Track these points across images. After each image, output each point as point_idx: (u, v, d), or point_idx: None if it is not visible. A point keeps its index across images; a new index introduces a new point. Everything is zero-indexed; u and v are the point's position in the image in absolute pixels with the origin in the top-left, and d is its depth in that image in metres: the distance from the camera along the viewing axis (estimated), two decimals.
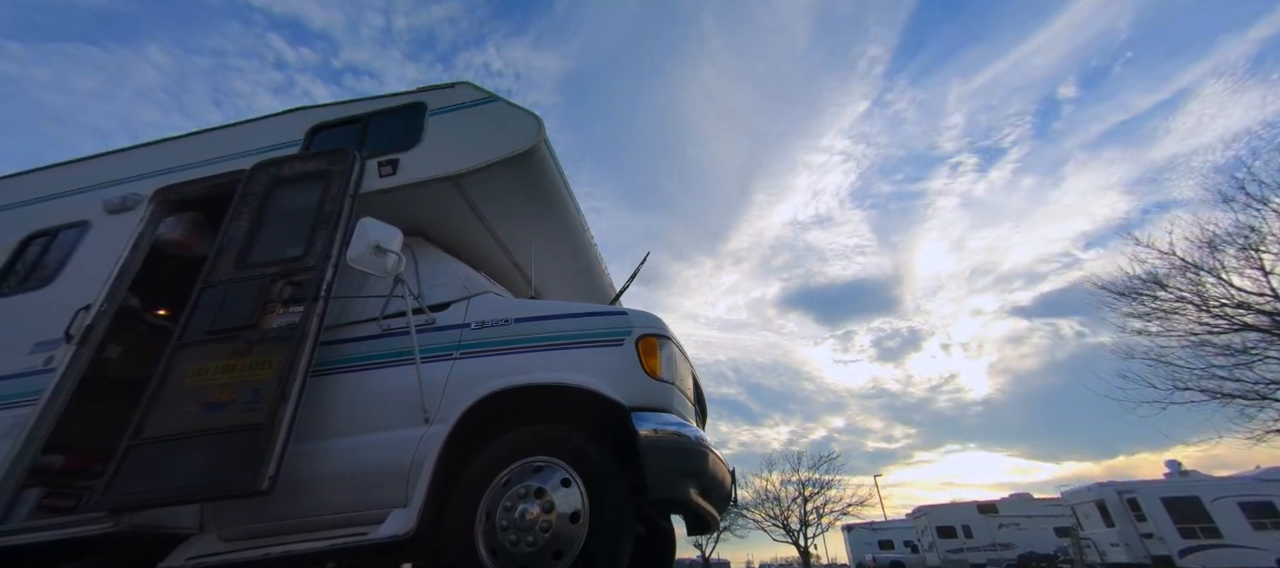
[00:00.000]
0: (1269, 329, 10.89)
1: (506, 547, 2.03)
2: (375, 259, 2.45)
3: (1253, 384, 11.08)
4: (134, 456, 2.32)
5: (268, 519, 2.38)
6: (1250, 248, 11.10)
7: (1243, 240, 11.19)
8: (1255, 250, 11.04)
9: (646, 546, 3.01)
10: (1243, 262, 11.25)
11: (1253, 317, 11.09)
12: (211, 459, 2.23)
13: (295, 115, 3.73)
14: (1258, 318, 11.03)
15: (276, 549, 2.26)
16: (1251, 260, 11.12)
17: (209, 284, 2.76)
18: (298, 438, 2.35)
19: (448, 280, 2.94)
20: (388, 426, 2.44)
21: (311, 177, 3.05)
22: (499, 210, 3.41)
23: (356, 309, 2.89)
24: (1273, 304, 10.85)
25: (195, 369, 2.49)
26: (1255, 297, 11.08)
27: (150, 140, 3.99)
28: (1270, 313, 10.89)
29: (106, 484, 2.26)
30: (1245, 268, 11.23)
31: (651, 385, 2.32)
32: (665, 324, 2.55)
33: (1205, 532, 19.25)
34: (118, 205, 3.52)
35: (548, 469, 2.16)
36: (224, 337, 2.56)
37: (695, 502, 2.19)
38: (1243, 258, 11.24)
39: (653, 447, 2.11)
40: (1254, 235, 11.02)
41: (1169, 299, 12.06)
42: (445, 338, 2.61)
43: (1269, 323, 10.90)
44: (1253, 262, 11.10)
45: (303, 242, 2.79)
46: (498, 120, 3.27)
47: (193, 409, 2.37)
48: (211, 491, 2.21)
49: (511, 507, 2.09)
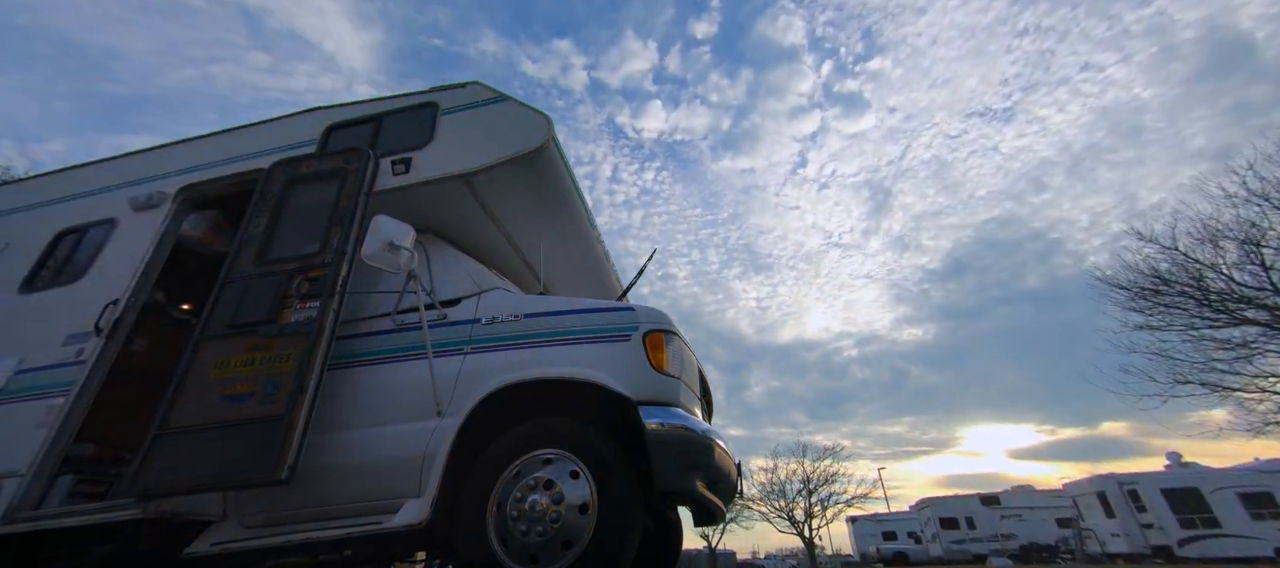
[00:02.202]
0: (1269, 323, 10.79)
1: (517, 537, 2.03)
2: (389, 256, 2.44)
3: (1253, 378, 11.00)
4: (160, 445, 2.34)
5: (287, 507, 2.40)
6: (1251, 243, 10.99)
7: (1244, 235, 11.08)
8: (1256, 245, 10.94)
9: (654, 537, 3.00)
10: (1244, 257, 11.15)
11: (1253, 311, 10.99)
12: (233, 449, 2.25)
13: (312, 115, 3.73)
14: (1258, 313, 10.94)
15: (296, 537, 2.28)
16: (1252, 255, 11.02)
17: (230, 279, 2.76)
18: (315, 429, 2.35)
19: (459, 277, 2.93)
20: (402, 418, 2.44)
21: (327, 175, 3.04)
22: (509, 208, 3.40)
23: (371, 305, 2.89)
24: (1273, 299, 10.74)
25: (217, 362, 2.50)
26: (1256, 291, 10.98)
27: (174, 140, 4.01)
28: (1271, 307, 10.77)
29: (135, 472, 2.28)
30: (1246, 264, 11.14)
31: (659, 380, 2.30)
32: (672, 320, 2.53)
33: (1204, 522, 19.08)
34: (143, 203, 3.54)
35: (557, 462, 2.15)
36: (244, 331, 2.56)
37: (702, 494, 2.18)
38: (1244, 253, 11.14)
39: (660, 440, 2.10)
40: (1255, 230, 10.91)
41: (1170, 293, 11.93)
42: (457, 333, 2.61)
43: (1269, 317, 10.80)
44: (1253, 257, 11.00)
45: (319, 238, 2.79)
46: (508, 119, 3.25)
47: (215, 401, 2.39)
48: (233, 479, 2.22)
49: (522, 498, 2.09)
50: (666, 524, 3.11)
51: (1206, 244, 11.53)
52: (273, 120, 3.80)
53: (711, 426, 2.50)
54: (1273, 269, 10.78)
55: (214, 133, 3.90)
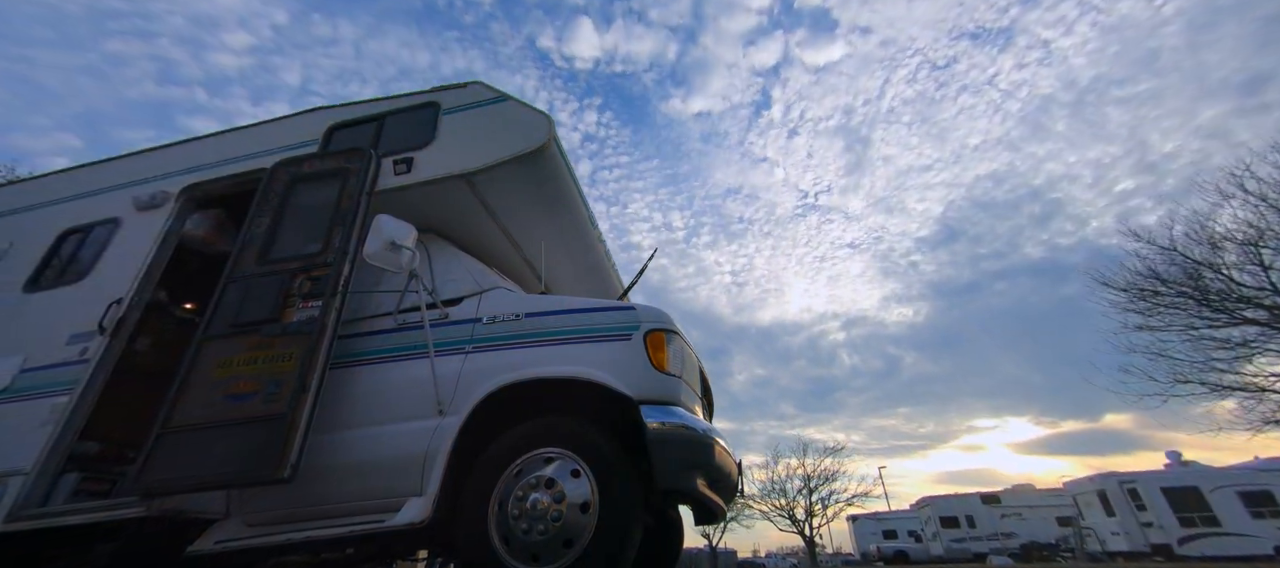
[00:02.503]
0: (1268, 323, 10.80)
1: (518, 535, 2.02)
2: (390, 255, 2.44)
3: (1252, 377, 11.03)
4: (164, 443, 2.33)
5: (290, 506, 2.39)
6: (1250, 244, 11.01)
7: (1242, 236, 11.11)
8: (1255, 246, 10.95)
9: (655, 535, 3.00)
10: (1243, 257, 11.18)
11: (1252, 311, 11.01)
12: (236, 448, 2.24)
13: (314, 115, 3.73)
14: (1257, 312, 10.96)
15: (299, 535, 2.27)
16: (1251, 256, 11.04)
17: (233, 279, 2.76)
18: (318, 428, 2.35)
19: (460, 276, 2.93)
20: (403, 417, 2.43)
21: (329, 175, 3.04)
22: (510, 207, 3.39)
23: (373, 304, 2.89)
24: (1272, 298, 10.75)
25: (220, 361, 2.50)
26: (1255, 291, 11.00)
27: (177, 140, 4.01)
28: (1270, 307, 10.79)
29: (139, 470, 2.28)
30: (1245, 264, 11.16)
31: (660, 379, 2.29)
32: (673, 319, 2.52)
33: (1204, 521, 19.06)
34: (147, 202, 3.54)
35: (559, 461, 2.15)
36: (247, 330, 2.56)
37: (703, 493, 2.17)
38: (1243, 253, 11.16)
39: (661, 440, 2.09)
40: (1253, 231, 10.94)
41: (1169, 294, 11.95)
42: (458, 332, 2.60)
43: (1268, 317, 10.81)
44: (1252, 257, 11.02)
45: (321, 238, 2.78)
46: (509, 119, 3.25)
47: (218, 400, 2.38)
48: (236, 478, 2.22)
49: (523, 496, 2.08)
50: (668, 523, 3.10)
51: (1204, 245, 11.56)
52: (275, 120, 3.80)
53: (712, 425, 2.50)
54: (1271, 269, 10.81)
55: (217, 132, 3.90)
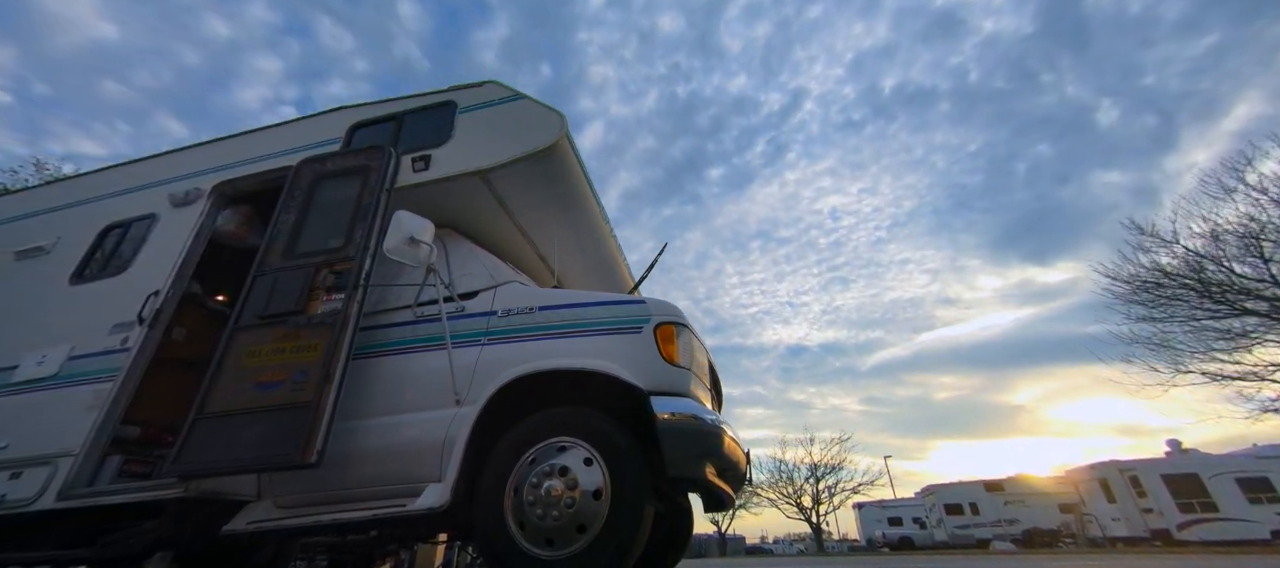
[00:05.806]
0: (1268, 314, 10.62)
1: (533, 520, 2.01)
2: (409, 250, 2.42)
3: (1251, 366, 10.88)
4: (199, 429, 2.36)
5: (317, 490, 2.41)
6: (1251, 237, 10.80)
7: (1243, 229, 10.90)
8: (1255, 239, 10.74)
9: (665, 522, 2.98)
10: (1243, 250, 10.96)
11: (1252, 302, 10.82)
12: (265, 434, 2.26)
13: (337, 114, 3.73)
14: (1257, 303, 10.77)
15: (325, 517, 2.30)
16: (1252, 249, 10.83)
17: (261, 272, 2.78)
18: (342, 416, 2.35)
19: (476, 270, 2.91)
20: (422, 406, 2.43)
21: (351, 172, 3.04)
22: (524, 203, 3.37)
23: (393, 297, 2.88)
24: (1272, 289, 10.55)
25: (250, 351, 2.51)
26: (1255, 283, 10.80)
27: (209, 139, 4.04)
28: (1269, 298, 10.59)
29: (176, 454, 2.31)
30: (1246, 256, 10.95)
31: (669, 371, 2.26)
32: (682, 313, 2.49)
33: (1203, 507, 18.80)
34: (182, 199, 3.58)
35: (571, 449, 2.13)
36: (275, 321, 2.57)
37: (711, 481, 2.15)
38: (1243, 246, 10.95)
39: (670, 430, 2.06)
40: (1254, 225, 10.73)
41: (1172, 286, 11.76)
42: (474, 325, 2.59)
43: (1268, 308, 10.61)
44: (1253, 249, 10.81)
45: (344, 233, 2.78)
46: (523, 117, 3.22)
47: (248, 388, 2.40)
48: (265, 462, 2.23)
49: (538, 483, 2.07)
50: (677, 510, 3.09)
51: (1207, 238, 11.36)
52: (300, 119, 3.81)
53: (720, 415, 2.47)
54: (1272, 261, 10.60)
55: (246, 132, 3.92)
